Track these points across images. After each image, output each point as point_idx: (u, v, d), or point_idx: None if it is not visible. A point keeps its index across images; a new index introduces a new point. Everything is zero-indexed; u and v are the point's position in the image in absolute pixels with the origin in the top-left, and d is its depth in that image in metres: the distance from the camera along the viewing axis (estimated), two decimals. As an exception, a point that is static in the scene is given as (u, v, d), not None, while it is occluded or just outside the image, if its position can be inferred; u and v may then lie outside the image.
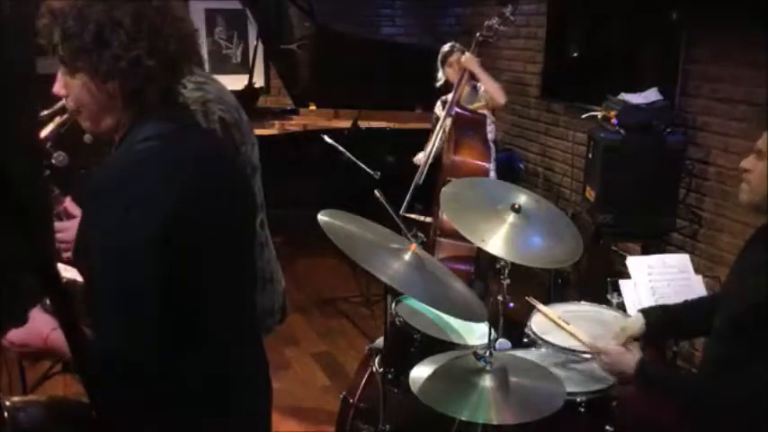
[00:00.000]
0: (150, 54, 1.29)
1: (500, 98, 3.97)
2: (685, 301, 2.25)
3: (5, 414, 1.50)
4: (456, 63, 4.12)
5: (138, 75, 1.30)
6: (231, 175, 1.52)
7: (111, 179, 1.32)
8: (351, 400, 2.57)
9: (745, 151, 1.94)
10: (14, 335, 1.41)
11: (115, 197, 1.28)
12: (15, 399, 1.63)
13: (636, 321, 2.16)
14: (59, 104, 1.79)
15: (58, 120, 1.74)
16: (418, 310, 2.49)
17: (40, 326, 1.38)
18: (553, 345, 2.24)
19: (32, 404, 1.65)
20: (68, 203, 1.81)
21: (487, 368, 1.94)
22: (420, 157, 4.25)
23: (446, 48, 4.23)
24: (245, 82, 5.41)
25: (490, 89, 3.97)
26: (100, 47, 1.27)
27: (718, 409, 1.78)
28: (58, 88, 1.39)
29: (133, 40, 1.28)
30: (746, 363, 1.76)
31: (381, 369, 2.32)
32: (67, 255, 1.69)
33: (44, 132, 1.76)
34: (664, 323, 2.17)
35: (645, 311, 2.18)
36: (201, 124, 1.73)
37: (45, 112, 1.80)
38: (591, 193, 3.81)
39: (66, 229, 1.71)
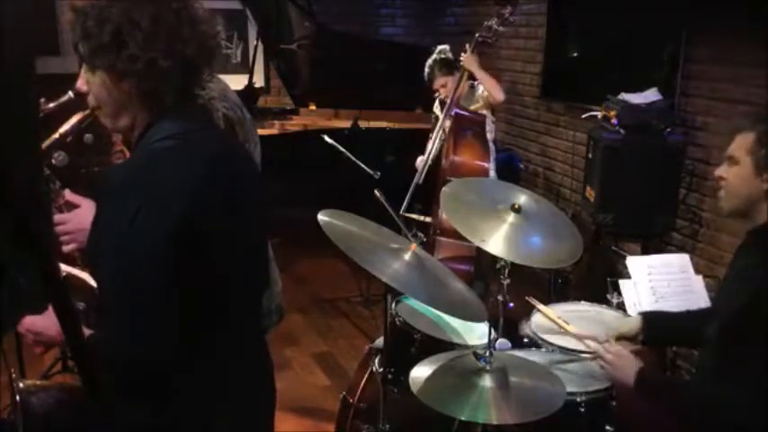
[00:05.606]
0: (167, 56, 1.30)
1: (498, 95, 3.92)
2: (688, 311, 2.25)
3: (18, 397, 1.52)
4: (441, 87, 4.05)
5: (153, 75, 1.31)
6: (246, 176, 1.51)
7: (125, 178, 1.33)
8: (351, 400, 2.57)
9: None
10: (30, 323, 1.43)
11: (129, 196, 1.28)
12: (29, 382, 1.65)
13: (632, 322, 2.16)
14: (64, 98, 1.79)
15: (78, 115, 1.74)
16: (418, 310, 2.49)
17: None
18: (553, 345, 2.24)
19: (45, 389, 1.67)
20: (69, 195, 1.81)
21: (487, 368, 1.94)
22: (421, 160, 4.24)
23: (427, 69, 4.10)
24: (245, 82, 5.40)
25: (488, 86, 3.94)
26: (117, 47, 1.29)
27: (714, 419, 1.78)
28: (80, 84, 1.41)
29: (150, 41, 1.29)
30: (735, 371, 1.75)
31: (381, 369, 2.31)
32: (68, 248, 1.69)
33: (64, 127, 1.76)
34: (663, 330, 2.17)
35: (646, 315, 2.17)
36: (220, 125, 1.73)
37: (51, 105, 1.80)
38: (591, 193, 3.81)
39: (67, 221, 1.71)
